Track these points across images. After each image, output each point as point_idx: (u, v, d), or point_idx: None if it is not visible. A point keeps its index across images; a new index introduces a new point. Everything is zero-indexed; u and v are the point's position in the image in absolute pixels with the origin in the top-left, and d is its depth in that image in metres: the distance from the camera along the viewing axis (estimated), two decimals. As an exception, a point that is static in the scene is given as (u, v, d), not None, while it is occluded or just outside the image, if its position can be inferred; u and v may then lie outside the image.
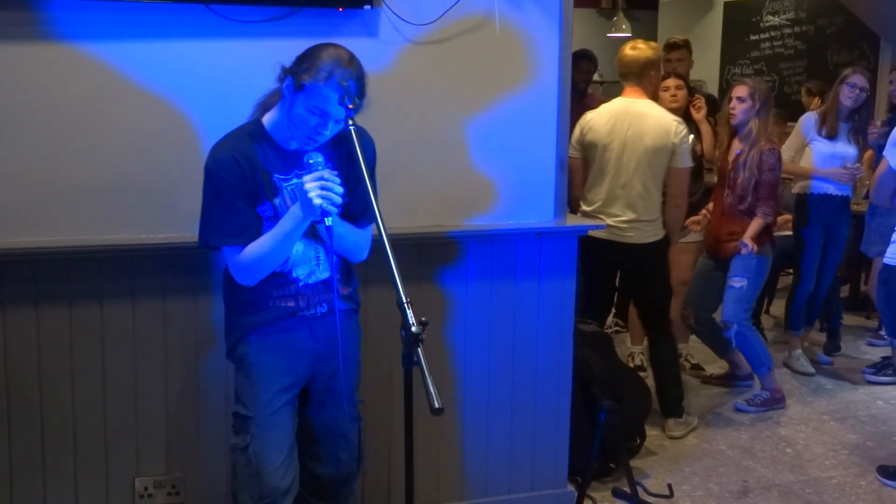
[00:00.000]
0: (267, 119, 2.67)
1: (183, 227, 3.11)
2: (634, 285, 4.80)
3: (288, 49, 2.68)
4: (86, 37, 3.03)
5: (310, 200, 2.39)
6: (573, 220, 3.79)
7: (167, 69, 3.11)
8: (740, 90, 4.86)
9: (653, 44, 4.67)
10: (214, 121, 3.03)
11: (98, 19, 3.03)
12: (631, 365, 5.37)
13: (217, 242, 2.60)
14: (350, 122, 2.47)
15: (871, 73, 8.78)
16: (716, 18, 10.55)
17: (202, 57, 3.14)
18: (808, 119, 5.59)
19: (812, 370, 5.64)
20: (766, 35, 9.96)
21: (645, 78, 4.57)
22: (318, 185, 2.39)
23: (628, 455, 4.08)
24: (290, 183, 2.61)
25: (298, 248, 2.65)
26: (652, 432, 4.54)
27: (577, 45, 6.64)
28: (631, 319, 5.65)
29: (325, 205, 2.39)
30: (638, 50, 4.56)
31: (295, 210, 2.50)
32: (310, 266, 2.69)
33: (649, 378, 5.09)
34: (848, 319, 6.49)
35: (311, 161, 2.47)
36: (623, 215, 4.47)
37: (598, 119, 4.53)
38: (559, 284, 3.65)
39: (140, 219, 3.15)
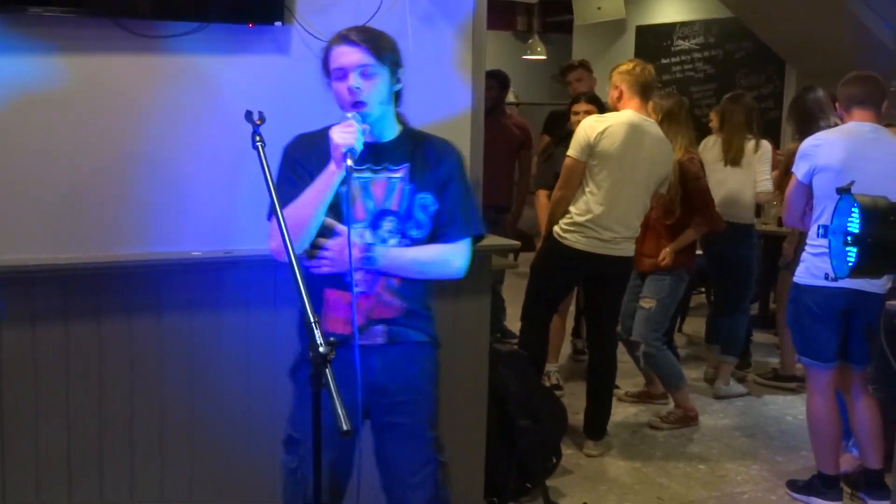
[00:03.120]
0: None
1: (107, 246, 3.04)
2: (602, 298, 4.66)
3: (198, 64, 2.64)
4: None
5: (332, 141, 2.36)
6: (487, 241, 3.78)
7: (75, 84, 3.03)
8: None
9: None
10: (123, 135, 2.96)
11: (4, 33, 2.93)
12: (547, 384, 5.38)
13: (268, 214, 2.49)
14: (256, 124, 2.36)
15: (777, 96, 9.06)
16: (628, 42, 10.74)
17: (111, 72, 3.07)
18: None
19: (745, 390, 5.72)
20: (677, 59, 10.18)
21: (649, 96, 4.58)
22: (341, 128, 2.38)
23: (545, 474, 4.08)
24: (362, 176, 2.53)
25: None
26: (567, 451, 4.55)
27: (492, 67, 6.72)
28: (552, 334, 5.62)
29: (346, 141, 2.34)
30: (646, 69, 4.53)
31: (329, 166, 2.42)
32: (365, 271, 2.50)
33: (565, 397, 5.11)
34: (757, 336, 6.62)
35: (346, 115, 2.44)
36: (617, 231, 4.42)
37: (616, 129, 4.37)
38: (475, 303, 3.64)
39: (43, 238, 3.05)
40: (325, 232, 2.49)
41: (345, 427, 1.86)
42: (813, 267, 3.87)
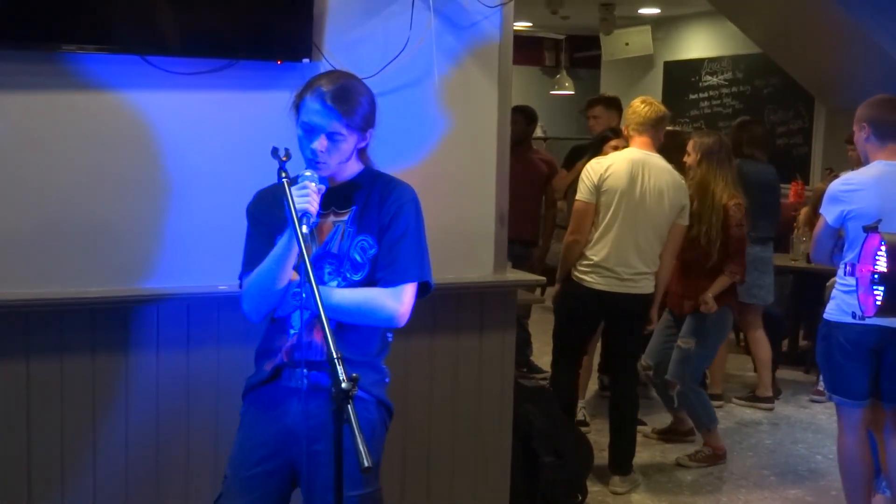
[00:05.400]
0: None
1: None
2: (622, 335, 4.65)
3: (226, 101, 2.67)
4: (22, 87, 2.99)
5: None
6: (512, 275, 3.78)
7: (104, 120, 3.08)
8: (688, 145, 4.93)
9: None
10: (151, 172, 2.99)
11: (34, 70, 2.99)
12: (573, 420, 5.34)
13: (239, 276, 2.53)
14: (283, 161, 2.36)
15: (806, 132, 9.02)
16: (656, 77, 10.77)
17: (139, 109, 3.11)
18: None
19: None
20: (705, 94, 10.19)
21: (659, 132, 4.59)
22: (297, 192, 2.32)
23: (569, 512, 4.05)
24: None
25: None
26: (594, 488, 4.51)
27: (520, 102, 6.76)
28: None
29: (301, 206, 2.29)
30: (654, 105, 4.56)
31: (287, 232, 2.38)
32: (308, 316, 2.42)
33: (591, 433, 5.07)
34: (787, 374, 6.55)
35: (303, 173, 2.39)
36: (635, 267, 4.42)
37: (619, 166, 4.42)
38: (500, 338, 3.64)
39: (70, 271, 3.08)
40: None
41: (365, 464, 1.85)
42: (844, 304, 3.81)
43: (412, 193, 2.55)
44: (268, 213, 2.50)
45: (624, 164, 4.43)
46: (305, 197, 2.32)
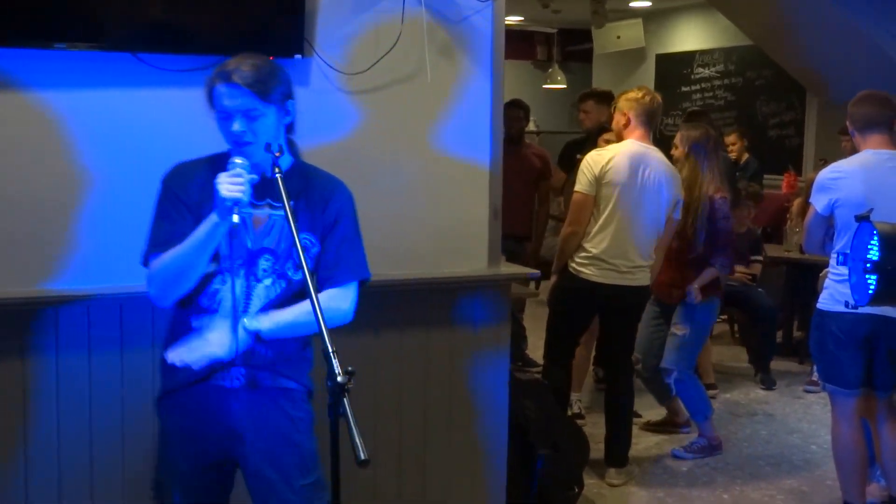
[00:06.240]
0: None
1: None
2: (618, 327, 4.66)
3: (218, 98, 2.66)
4: (14, 85, 2.99)
5: (219, 193, 2.23)
6: (506, 269, 3.79)
7: (95, 118, 3.07)
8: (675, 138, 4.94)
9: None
10: (145, 168, 2.98)
11: (25, 67, 2.99)
12: (569, 413, 5.35)
13: (143, 252, 2.40)
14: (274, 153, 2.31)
15: (798, 124, 9.04)
16: (648, 70, 10.78)
17: (130, 106, 3.11)
18: None
19: None
20: (698, 87, 10.20)
21: (657, 123, 4.59)
22: (228, 178, 2.24)
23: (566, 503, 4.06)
24: (243, 211, 2.39)
25: (227, 290, 2.40)
26: (590, 480, 4.52)
27: (512, 96, 6.75)
28: (575, 363, 5.61)
29: (233, 194, 2.21)
30: (654, 96, 4.54)
31: (212, 216, 2.28)
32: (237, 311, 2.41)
33: (587, 426, 5.08)
34: (781, 365, 6.57)
35: (233, 160, 2.31)
36: (633, 260, 4.42)
37: (619, 160, 4.39)
38: (494, 332, 3.64)
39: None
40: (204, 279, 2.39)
41: (362, 456, 1.86)
42: (837, 293, 3.83)
43: (349, 191, 2.56)
44: (187, 191, 2.40)
45: (625, 158, 4.41)
46: (239, 185, 2.24)
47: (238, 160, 2.30)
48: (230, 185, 2.23)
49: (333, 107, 3.34)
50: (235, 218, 2.22)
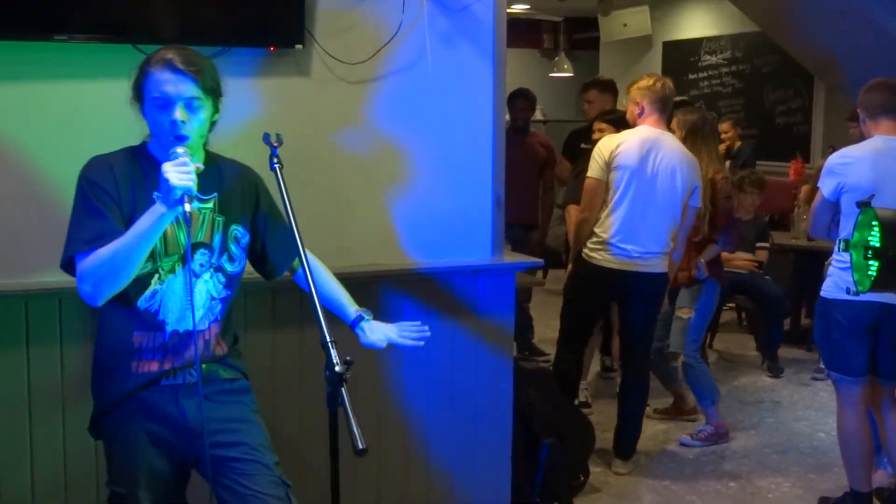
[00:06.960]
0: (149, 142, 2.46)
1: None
2: (634, 316, 4.59)
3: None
4: (15, 77, 2.99)
5: (167, 182, 2.15)
6: (511, 258, 3.79)
7: (99, 109, 3.07)
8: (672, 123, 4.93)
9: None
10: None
11: (26, 59, 2.99)
12: (576, 402, 5.35)
13: (70, 252, 2.29)
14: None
15: (806, 111, 9.00)
16: (655, 58, 10.74)
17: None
18: None
19: None
20: (705, 74, 10.16)
21: (668, 110, 4.56)
22: (175, 167, 2.17)
23: (571, 492, 4.06)
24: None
25: (172, 283, 2.36)
26: (596, 469, 4.52)
27: (519, 85, 6.74)
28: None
29: (184, 182, 2.15)
30: (666, 82, 4.51)
31: (156, 207, 2.21)
32: (181, 309, 2.37)
33: (593, 414, 5.08)
34: (789, 353, 6.56)
35: (175, 150, 2.23)
36: (644, 246, 4.37)
37: (630, 144, 4.37)
38: (497, 321, 3.64)
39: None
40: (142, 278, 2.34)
41: (360, 446, 1.86)
42: (841, 281, 3.82)
43: (256, 173, 2.56)
44: (114, 185, 2.33)
45: (635, 142, 4.39)
46: (187, 174, 2.17)
47: (180, 150, 2.23)
48: (179, 173, 2.16)
49: (335, 97, 3.33)
50: (188, 206, 2.16)
